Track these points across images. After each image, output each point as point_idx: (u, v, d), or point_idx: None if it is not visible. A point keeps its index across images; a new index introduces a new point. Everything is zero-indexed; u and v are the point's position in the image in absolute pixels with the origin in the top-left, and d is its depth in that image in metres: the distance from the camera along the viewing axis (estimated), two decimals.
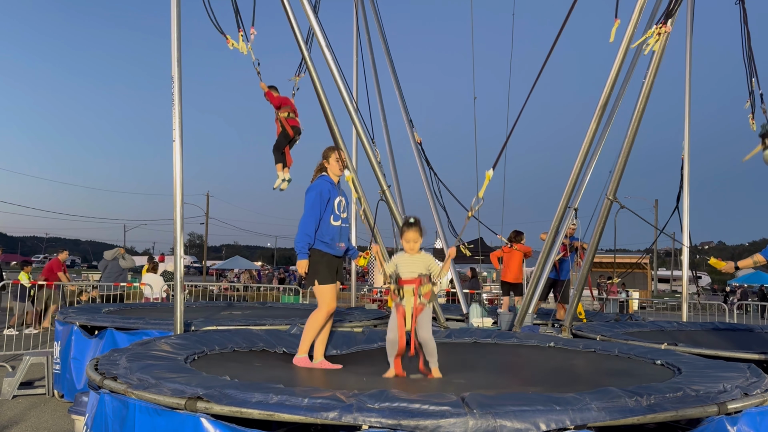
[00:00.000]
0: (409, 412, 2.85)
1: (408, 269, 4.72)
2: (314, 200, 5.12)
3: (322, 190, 5.18)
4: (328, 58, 7.47)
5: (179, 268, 6.14)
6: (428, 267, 4.78)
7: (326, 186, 5.23)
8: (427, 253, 4.92)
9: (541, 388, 3.84)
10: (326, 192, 5.19)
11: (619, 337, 6.73)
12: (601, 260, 23.21)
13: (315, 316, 5.14)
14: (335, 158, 5.38)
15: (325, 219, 5.15)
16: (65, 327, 7.16)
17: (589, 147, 7.33)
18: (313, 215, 5.10)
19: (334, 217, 5.20)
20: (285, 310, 9.38)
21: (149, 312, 8.41)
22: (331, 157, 5.38)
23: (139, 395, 3.28)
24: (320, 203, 5.13)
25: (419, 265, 4.73)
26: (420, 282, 4.67)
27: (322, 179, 5.31)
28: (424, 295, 4.70)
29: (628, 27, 6.85)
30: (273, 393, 3.07)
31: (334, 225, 5.20)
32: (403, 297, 4.67)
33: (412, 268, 4.71)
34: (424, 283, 4.70)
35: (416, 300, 4.64)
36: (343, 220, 5.29)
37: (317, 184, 5.25)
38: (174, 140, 6.10)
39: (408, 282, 4.68)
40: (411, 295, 4.63)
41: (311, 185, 5.29)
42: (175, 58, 6.12)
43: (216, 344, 5.20)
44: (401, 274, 4.73)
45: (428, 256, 4.88)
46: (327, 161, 5.38)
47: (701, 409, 3.10)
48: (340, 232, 5.25)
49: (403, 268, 4.73)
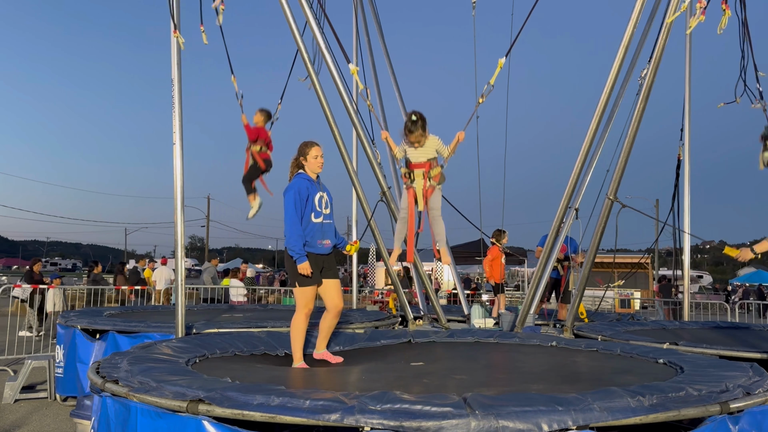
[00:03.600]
0: (411, 413, 2.84)
1: (418, 154, 5.03)
2: (293, 200, 5.02)
3: (299, 188, 5.07)
4: (328, 60, 7.47)
5: (180, 271, 6.15)
6: (437, 150, 5.09)
7: (304, 184, 5.12)
8: (434, 137, 5.18)
9: (543, 388, 3.83)
10: (304, 190, 5.09)
11: (620, 337, 6.72)
12: (602, 260, 23.18)
13: (295, 319, 5.10)
14: (314, 155, 5.19)
15: (306, 217, 5.06)
16: (67, 330, 7.16)
17: (590, 147, 7.33)
18: (297, 215, 5.01)
19: (315, 214, 5.10)
20: (286, 312, 9.36)
21: (151, 315, 8.41)
22: (309, 154, 5.20)
23: (141, 398, 3.29)
24: (300, 202, 5.04)
25: (428, 150, 5.04)
26: (429, 165, 5.00)
27: (299, 177, 5.17)
28: (433, 178, 5.05)
29: (628, 25, 6.84)
30: (274, 395, 3.06)
31: (315, 222, 5.10)
32: (414, 180, 5.00)
33: (421, 153, 5.02)
34: (434, 166, 5.03)
35: (426, 182, 4.97)
36: (325, 216, 5.17)
37: (294, 183, 5.13)
38: (174, 143, 6.10)
39: (418, 166, 5.01)
40: (421, 178, 4.97)
41: (288, 185, 5.16)
42: (175, 61, 6.13)
43: (217, 347, 5.20)
44: (411, 159, 5.03)
45: (435, 138, 5.16)
46: (304, 158, 5.20)
47: (703, 408, 3.09)
48: (322, 229, 5.15)
49: (412, 153, 5.04)
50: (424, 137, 5.05)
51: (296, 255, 4.99)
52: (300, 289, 5.08)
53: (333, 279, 5.22)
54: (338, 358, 5.19)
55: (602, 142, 8.96)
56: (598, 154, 9.00)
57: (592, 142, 7.32)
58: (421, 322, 8.68)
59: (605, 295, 16.91)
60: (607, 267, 24.09)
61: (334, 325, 5.38)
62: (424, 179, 4.95)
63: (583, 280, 7.71)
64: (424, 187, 4.95)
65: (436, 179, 5.03)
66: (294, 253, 5.00)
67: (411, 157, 5.03)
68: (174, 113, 6.09)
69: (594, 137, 7.31)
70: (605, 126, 8.77)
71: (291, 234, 5.00)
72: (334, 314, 5.28)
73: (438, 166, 5.06)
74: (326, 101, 7.52)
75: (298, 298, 5.12)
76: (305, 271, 5.00)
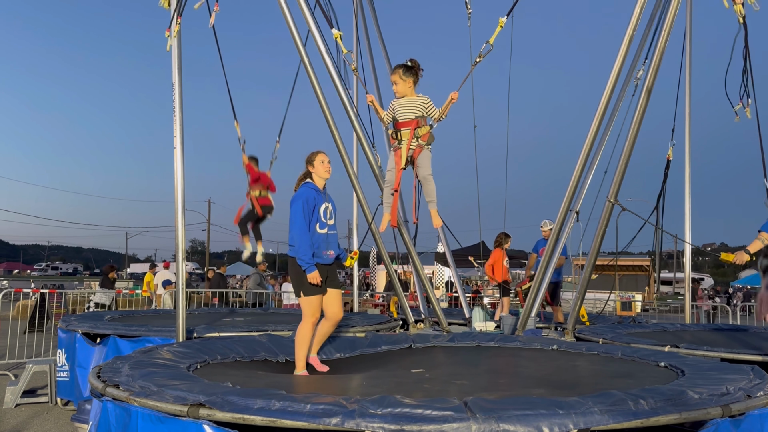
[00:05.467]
0: (411, 417, 2.84)
1: (404, 112, 4.90)
2: (302, 209, 4.99)
3: (307, 197, 5.05)
4: (328, 63, 7.48)
5: (181, 275, 6.16)
6: (425, 109, 4.95)
7: (311, 194, 5.10)
8: (424, 96, 5.06)
9: (544, 392, 3.83)
10: (311, 199, 5.07)
11: (622, 340, 6.72)
12: (602, 263, 23.16)
13: (301, 328, 5.08)
14: (320, 160, 5.20)
15: (311, 227, 5.05)
16: (68, 335, 7.16)
17: (590, 149, 7.33)
18: (304, 224, 4.99)
19: (320, 224, 5.08)
20: (287, 316, 9.38)
21: (152, 319, 8.41)
22: (316, 159, 5.21)
23: (142, 402, 3.29)
24: (307, 211, 5.02)
25: (416, 108, 4.91)
26: (417, 124, 4.87)
27: (306, 187, 5.16)
28: (421, 137, 4.90)
29: (628, 28, 6.86)
30: (275, 399, 3.07)
31: (320, 233, 5.09)
32: (401, 140, 4.85)
33: (408, 110, 4.89)
34: (422, 125, 4.89)
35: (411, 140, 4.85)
36: (329, 227, 5.17)
37: (302, 192, 5.10)
38: (175, 147, 6.11)
39: (405, 124, 4.88)
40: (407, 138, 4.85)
41: (295, 194, 5.13)
42: (176, 65, 6.14)
43: (218, 352, 5.20)
44: (398, 118, 4.89)
45: (424, 98, 5.03)
46: (312, 165, 5.21)
47: (704, 411, 3.09)
48: (327, 240, 5.14)
49: (400, 112, 4.90)
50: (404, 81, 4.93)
51: (305, 265, 4.95)
52: (306, 298, 5.07)
53: (335, 289, 5.21)
54: (324, 366, 5.18)
55: (602, 145, 8.97)
56: (599, 157, 9.02)
57: (592, 144, 7.32)
58: (422, 325, 8.68)
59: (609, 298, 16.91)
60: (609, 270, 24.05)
61: (330, 333, 5.39)
62: (409, 138, 4.82)
63: (584, 283, 7.71)
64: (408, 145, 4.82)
65: (425, 138, 4.91)
66: (303, 262, 4.96)
67: (398, 115, 4.93)
68: (175, 117, 6.09)
69: (594, 140, 7.31)
70: (606, 128, 8.78)
71: (301, 243, 4.96)
72: (332, 323, 5.29)
73: (427, 125, 4.93)
74: (327, 104, 7.52)
75: (304, 308, 5.10)
76: (315, 280, 4.96)
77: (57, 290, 13.95)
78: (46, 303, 13.49)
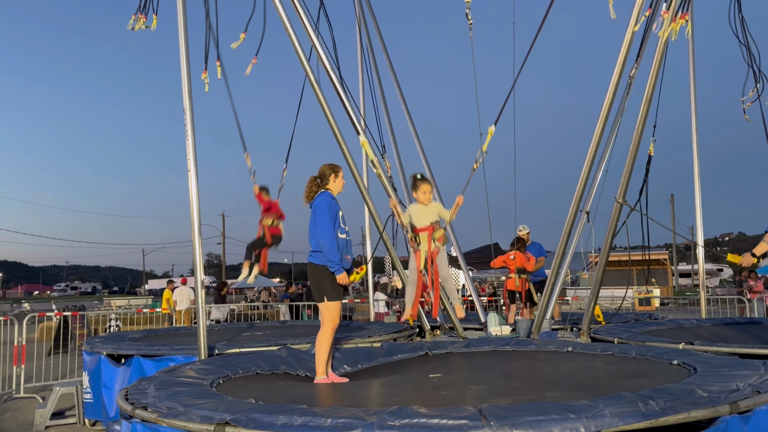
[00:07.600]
0: (428, 427, 2.96)
1: (421, 219, 5.53)
2: (327, 213, 5.20)
3: (330, 204, 5.28)
4: (334, 79, 7.61)
5: (200, 293, 6.29)
6: (439, 214, 5.59)
7: (333, 201, 5.35)
8: (436, 202, 5.73)
9: (558, 395, 3.93)
10: (335, 205, 5.31)
11: (637, 338, 6.74)
12: (620, 258, 23.10)
13: (322, 334, 5.21)
14: (342, 177, 5.50)
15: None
16: (93, 357, 7.32)
17: (597, 148, 7.38)
18: (332, 228, 5.18)
19: (340, 230, 5.28)
20: (305, 328, 9.50)
21: (173, 338, 8.57)
22: (339, 175, 5.48)
23: (170, 423, 3.42)
24: (332, 216, 5.22)
25: (431, 214, 5.55)
26: (433, 229, 5.50)
27: (325, 195, 5.37)
28: (438, 239, 5.53)
29: (630, 20, 6.91)
30: (297, 415, 3.19)
31: (341, 238, 5.28)
32: (420, 243, 5.47)
33: (424, 217, 5.52)
34: (437, 229, 5.52)
35: (431, 244, 5.48)
36: (347, 233, 5.39)
37: (324, 198, 5.31)
38: (189, 170, 6.26)
39: (423, 230, 5.51)
40: (426, 240, 5.45)
41: (318, 201, 5.32)
42: (186, 90, 6.29)
43: (239, 367, 5.34)
44: (416, 224, 5.52)
45: (437, 204, 5.71)
46: (335, 176, 5.44)
47: (713, 409, 3.16)
48: (346, 245, 5.34)
49: (417, 218, 5.54)
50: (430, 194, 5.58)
51: (335, 266, 5.15)
52: (329, 303, 5.22)
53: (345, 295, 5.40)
54: (344, 378, 5.32)
55: (610, 144, 9.01)
56: (606, 156, 9.06)
57: (598, 145, 7.38)
58: (438, 332, 8.77)
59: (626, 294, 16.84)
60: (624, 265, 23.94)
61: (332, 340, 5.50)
62: (428, 241, 5.46)
63: (597, 283, 7.76)
64: (429, 248, 5.44)
65: (440, 240, 5.55)
66: (333, 264, 5.14)
67: (415, 222, 5.55)
68: (187, 141, 6.25)
69: (600, 140, 7.36)
70: (612, 127, 8.82)
71: (331, 246, 5.14)
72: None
73: (441, 228, 5.57)
74: (334, 119, 7.63)
75: (326, 313, 5.24)
76: (344, 281, 5.18)
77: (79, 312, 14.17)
78: (69, 324, 13.72)
